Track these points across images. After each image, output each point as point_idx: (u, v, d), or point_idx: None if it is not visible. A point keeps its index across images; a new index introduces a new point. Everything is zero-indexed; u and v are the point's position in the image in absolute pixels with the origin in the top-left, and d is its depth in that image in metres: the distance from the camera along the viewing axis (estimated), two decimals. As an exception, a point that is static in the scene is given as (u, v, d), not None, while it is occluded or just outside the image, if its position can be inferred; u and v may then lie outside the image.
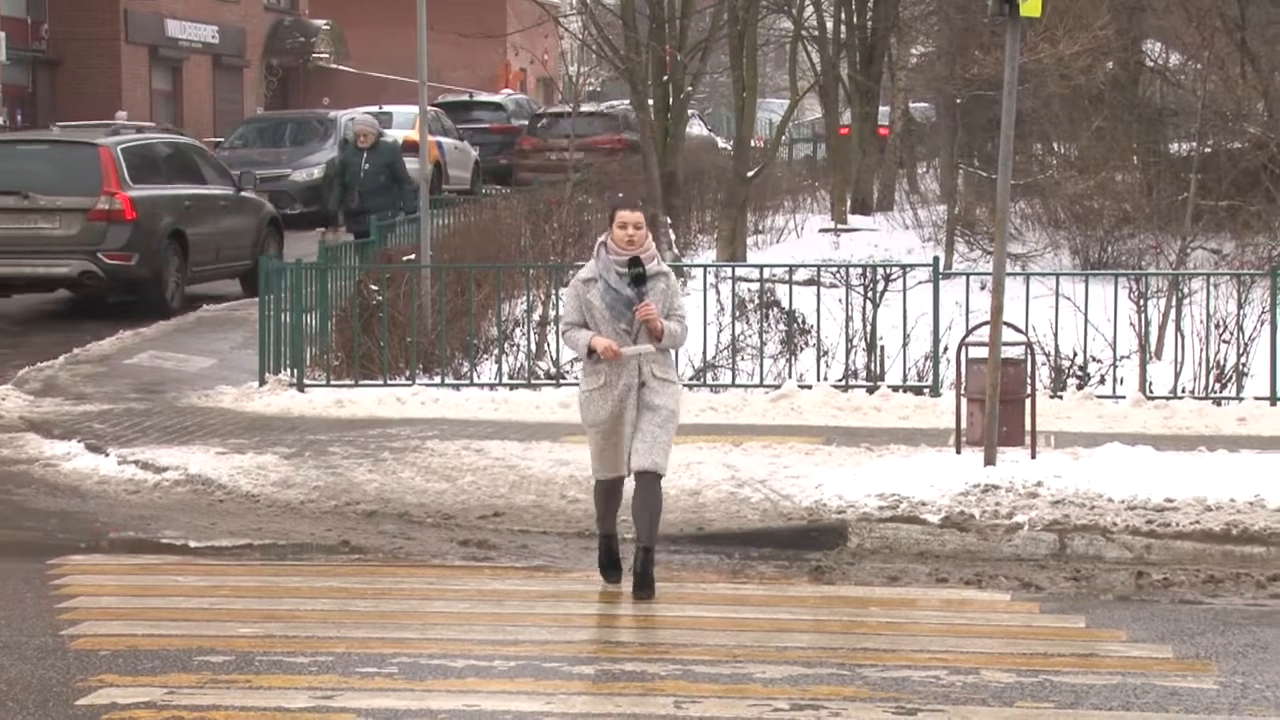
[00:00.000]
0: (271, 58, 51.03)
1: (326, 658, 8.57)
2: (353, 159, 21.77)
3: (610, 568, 10.21)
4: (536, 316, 17.66)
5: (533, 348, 17.32)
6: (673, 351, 10.30)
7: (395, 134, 30.54)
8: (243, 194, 23.46)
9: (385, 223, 20.46)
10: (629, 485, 10.06)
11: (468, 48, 35.72)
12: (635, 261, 9.80)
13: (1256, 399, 15.43)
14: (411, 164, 22.21)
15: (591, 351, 9.84)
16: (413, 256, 18.80)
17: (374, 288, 17.51)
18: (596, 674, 8.33)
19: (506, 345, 17.27)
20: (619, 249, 9.85)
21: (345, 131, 28.80)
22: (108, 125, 25.29)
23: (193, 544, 11.61)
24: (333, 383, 16.88)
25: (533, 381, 16.73)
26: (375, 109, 34.47)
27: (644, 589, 9.79)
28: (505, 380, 16.76)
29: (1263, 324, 15.77)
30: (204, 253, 22.00)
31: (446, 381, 16.79)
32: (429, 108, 22.12)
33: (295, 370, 16.89)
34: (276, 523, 12.23)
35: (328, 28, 53.02)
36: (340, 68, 53.37)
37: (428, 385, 16.61)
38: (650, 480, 9.84)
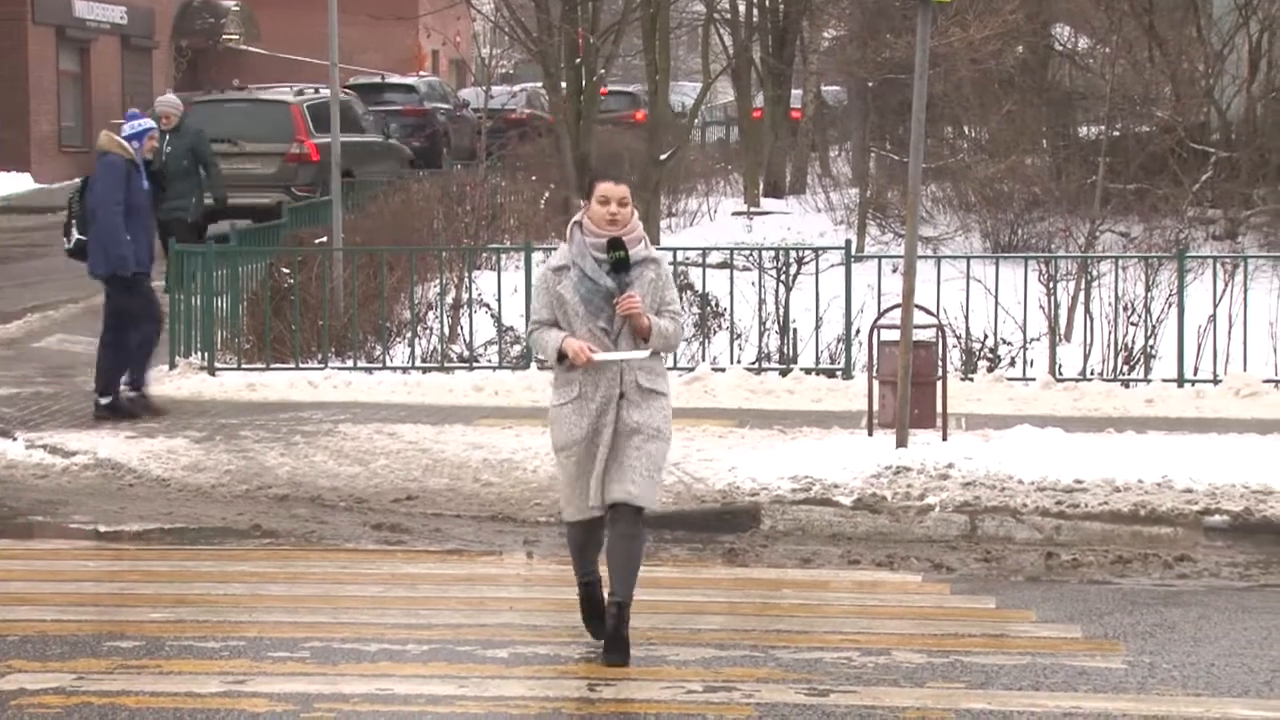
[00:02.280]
0: (181, 39, 50.48)
1: (238, 642, 8.53)
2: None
3: (594, 619, 8.34)
4: (449, 300, 17.61)
5: (446, 331, 17.28)
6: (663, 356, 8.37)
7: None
8: (389, 141, 29.49)
9: (180, 213, 20.00)
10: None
11: (380, 30, 35.45)
12: (617, 243, 7.99)
13: (1164, 380, 15.59)
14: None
15: (563, 357, 8.04)
16: (324, 239, 18.71)
17: (285, 271, 17.40)
18: (510, 657, 8.32)
19: (419, 328, 17.22)
20: (598, 229, 8.07)
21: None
22: (295, 86, 29.11)
23: (102, 529, 11.52)
24: (244, 366, 16.78)
25: (446, 365, 16.70)
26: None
27: (617, 653, 8.09)
28: (418, 363, 16.72)
29: (1170, 306, 15.92)
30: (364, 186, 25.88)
31: (359, 365, 16.73)
32: (340, 90, 21.94)
33: (206, 353, 16.78)
34: (187, 507, 12.14)
35: (237, 8, 52.50)
36: (251, 49, 52.89)
37: (340, 368, 16.55)
38: (629, 516, 8.06)
